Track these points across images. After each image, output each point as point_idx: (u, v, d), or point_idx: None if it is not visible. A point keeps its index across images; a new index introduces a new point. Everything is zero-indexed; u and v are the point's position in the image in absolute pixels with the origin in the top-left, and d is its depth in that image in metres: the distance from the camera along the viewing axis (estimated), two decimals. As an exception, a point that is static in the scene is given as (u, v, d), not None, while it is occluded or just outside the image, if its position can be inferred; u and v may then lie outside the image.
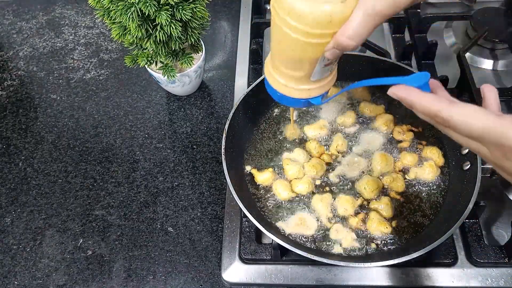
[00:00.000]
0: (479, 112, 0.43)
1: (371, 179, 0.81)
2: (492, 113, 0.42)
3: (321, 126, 0.89)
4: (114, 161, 0.97)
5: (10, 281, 0.83)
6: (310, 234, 0.78)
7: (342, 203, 0.80)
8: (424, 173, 0.82)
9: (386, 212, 0.78)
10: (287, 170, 0.84)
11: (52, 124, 1.05)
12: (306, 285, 0.77)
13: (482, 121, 0.42)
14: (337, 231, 0.77)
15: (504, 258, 0.75)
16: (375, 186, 0.81)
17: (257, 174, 0.84)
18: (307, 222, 0.79)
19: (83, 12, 1.28)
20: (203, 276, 0.81)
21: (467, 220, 0.79)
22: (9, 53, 1.20)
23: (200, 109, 1.04)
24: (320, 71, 0.57)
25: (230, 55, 1.14)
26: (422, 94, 0.47)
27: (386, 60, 0.90)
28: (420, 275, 0.76)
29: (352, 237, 0.77)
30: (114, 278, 0.82)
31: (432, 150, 0.84)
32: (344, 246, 0.76)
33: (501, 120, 0.41)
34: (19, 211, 0.91)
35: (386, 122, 0.89)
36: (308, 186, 0.81)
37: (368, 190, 0.80)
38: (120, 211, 0.90)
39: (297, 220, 0.79)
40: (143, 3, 0.75)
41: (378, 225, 0.76)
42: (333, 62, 0.56)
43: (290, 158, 0.86)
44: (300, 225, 0.78)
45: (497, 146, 0.41)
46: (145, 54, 0.89)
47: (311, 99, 0.62)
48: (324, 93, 0.62)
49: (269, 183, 0.84)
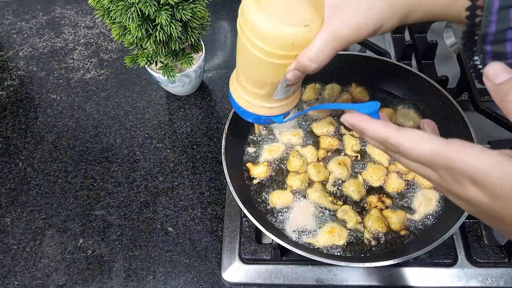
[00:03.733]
0: (427, 137, 0.42)
1: (375, 166, 0.83)
2: (440, 138, 0.42)
3: (329, 122, 0.89)
4: (114, 161, 0.97)
5: (10, 281, 0.83)
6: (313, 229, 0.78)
7: (350, 185, 0.81)
8: (423, 180, 0.81)
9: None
10: (291, 162, 0.85)
11: (52, 124, 1.05)
12: (306, 285, 0.77)
13: (431, 145, 0.42)
14: (345, 212, 0.78)
15: (504, 258, 0.75)
16: (380, 173, 0.82)
17: (252, 167, 0.85)
18: (308, 215, 0.79)
19: (83, 12, 1.28)
20: (203, 276, 0.81)
21: (467, 220, 0.79)
22: (9, 53, 1.20)
23: (200, 109, 1.04)
24: (282, 91, 0.57)
25: (230, 55, 1.14)
26: (372, 120, 0.48)
27: (386, 60, 0.90)
28: (420, 275, 0.76)
29: (358, 219, 0.77)
30: (114, 278, 0.82)
31: None
32: (350, 227, 0.77)
33: (449, 144, 0.41)
34: (19, 211, 0.91)
35: (388, 116, 0.89)
36: (301, 184, 0.82)
37: (375, 177, 0.82)
38: (120, 211, 0.90)
39: (297, 217, 0.79)
40: (143, 3, 0.75)
41: (375, 222, 0.77)
42: (295, 83, 0.57)
43: (299, 151, 0.86)
44: (301, 222, 0.78)
45: (447, 169, 0.41)
46: (145, 54, 0.89)
47: (273, 117, 0.63)
48: (286, 112, 0.63)
49: (264, 176, 0.84)
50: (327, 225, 0.78)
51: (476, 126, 0.79)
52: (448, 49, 1.11)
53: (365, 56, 0.92)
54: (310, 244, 0.76)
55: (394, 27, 0.55)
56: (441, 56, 1.06)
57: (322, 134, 0.89)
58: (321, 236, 0.76)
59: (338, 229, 0.77)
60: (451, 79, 0.96)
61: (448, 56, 1.08)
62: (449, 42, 1.12)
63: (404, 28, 1.11)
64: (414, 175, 0.82)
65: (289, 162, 0.85)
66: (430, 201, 0.79)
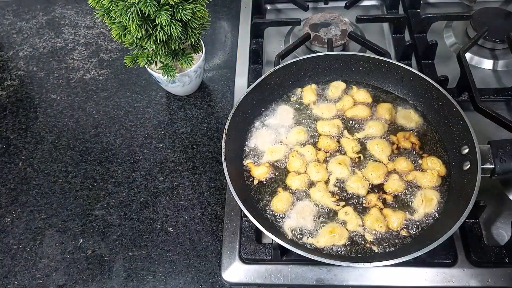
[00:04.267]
0: None
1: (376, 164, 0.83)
2: None
3: (335, 124, 0.89)
4: (114, 161, 0.97)
5: (10, 281, 0.83)
6: (313, 228, 0.78)
7: (354, 180, 0.82)
8: (422, 180, 0.81)
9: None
10: (290, 162, 0.85)
11: (52, 124, 1.05)
12: (306, 285, 0.77)
13: None
14: (346, 213, 0.78)
15: (504, 258, 0.75)
16: (380, 171, 0.82)
17: (253, 168, 0.85)
18: (308, 215, 0.79)
19: (83, 12, 1.28)
20: (203, 276, 0.81)
21: (467, 220, 0.79)
22: (9, 53, 1.20)
23: (200, 109, 1.04)
24: None
25: (230, 55, 1.14)
26: None
27: (386, 60, 0.90)
28: (420, 275, 0.76)
29: (358, 222, 0.77)
30: (114, 278, 0.81)
31: (433, 160, 0.83)
32: (350, 228, 0.77)
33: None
34: (19, 211, 0.91)
35: (388, 111, 0.90)
36: (300, 184, 0.82)
37: (375, 175, 0.82)
38: (120, 211, 0.90)
39: (298, 215, 0.79)
40: (143, 3, 0.75)
41: (373, 222, 0.77)
42: None
43: (298, 151, 0.86)
44: (302, 219, 0.79)
45: None
46: (145, 54, 0.89)
47: None
48: None
49: (264, 177, 0.84)
50: (327, 225, 0.78)
51: (476, 126, 0.79)
52: (448, 49, 1.11)
53: (365, 56, 0.92)
54: (310, 244, 0.76)
55: None
56: (441, 56, 1.06)
57: (323, 133, 0.89)
58: (322, 236, 0.76)
59: (338, 229, 0.77)
60: (451, 79, 0.96)
61: (448, 56, 1.08)
62: (449, 42, 1.12)
63: (404, 28, 1.11)
64: (415, 176, 0.82)
65: (289, 163, 0.85)
66: (430, 201, 0.79)
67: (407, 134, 0.87)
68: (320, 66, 0.95)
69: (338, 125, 0.89)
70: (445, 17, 1.11)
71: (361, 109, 0.91)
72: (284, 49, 1.03)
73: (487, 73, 1.05)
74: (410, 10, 1.15)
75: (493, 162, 0.75)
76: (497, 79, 1.04)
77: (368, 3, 1.23)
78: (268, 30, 1.16)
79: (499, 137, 0.83)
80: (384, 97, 0.94)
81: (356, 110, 0.91)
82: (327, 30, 1.11)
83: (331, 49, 1.04)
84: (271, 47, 1.16)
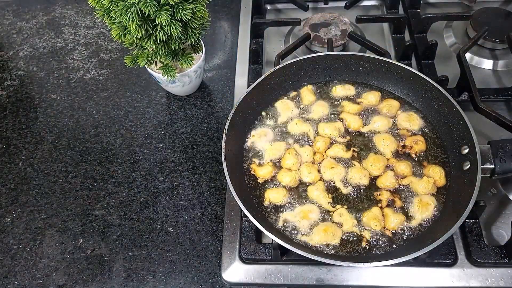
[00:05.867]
0: None
1: (377, 156, 0.84)
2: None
3: (336, 127, 0.89)
4: (114, 161, 0.97)
5: (10, 281, 0.83)
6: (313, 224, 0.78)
7: (355, 172, 0.82)
8: (418, 186, 0.81)
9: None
10: (285, 158, 0.85)
11: (52, 124, 1.05)
12: (306, 285, 0.77)
13: None
14: (340, 215, 0.78)
15: (504, 258, 0.75)
16: (381, 163, 0.82)
17: (257, 168, 0.85)
18: (309, 214, 0.79)
19: (83, 12, 1.28)
20: (203, 276, 0.81)
21: (467, 220, 0.79)
22: (9, 53, 1.20)
23: (200, 109, 1.04)
24: None
25: (230, 55, 1.14)
26: None
27: (386, 60, 0.90)
28: (420, 275, 0.76)
29: (354, 223, 0.77)
30: (114, 278, 0.82)
31: (435, 169, 0.82)
32: (345, 229, 0.77)
33: None
34: (19, 211, 0.91)
35: (390, 108, 0.90)
36: (291, 181, 0.82)
37: (375, 167, 0.82)
38: (120, 211, 0.90)
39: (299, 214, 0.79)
40: (143, 3, 0.75)
41: (370, 219, 0.77)
42: None
43: (295, 150, 0.86)
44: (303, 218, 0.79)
45: None
46: (145, 54, 0.89)
47: None
48: None
49: (269, 177, 0.84)
50: (322, 224, 0.78)
51: (476, 126, 0.79)
52: (448, 49, 1.11)
53: (365, 56, 0.92)
54: (304, 242, 0.76)
55: None
56: (441, 56, 1.06)
57: (322, 135, 0.88)
58: (315, 234, 0.76)
59: (332, 228, 0.77)
60: (451, 79, 0.96)
61: (448, 56, 1.08)
62: (449, 42, 1.12)
63: (404, 28, 1.11)
64: (410, 181, 0.81)
65: (283, 159, 0.85)
66: (427, 206, 0.78)
67: (415, 138, 0.86)
68: (320, 66, 0.95)
69: (339, 127, 0.89)
70: (445, 17, 1.11)
71: (355, 119, 0.91)
72: (284, 49, 1.03)
73: (487, 73, 1.05)
74: (410, 10, 1.15)
75: (493, 162, 0.75)
76: (497, 79, 1.04)
77: (368, 3, 1.23)
78: (268, 30, 1.16)
79: (499, 137, 0.83)
80: (384, 97, 0.94)
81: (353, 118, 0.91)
82: (327, 30, 1.11)
83: (331, 49, 1.04)
84: (271, 47, 1.16)
